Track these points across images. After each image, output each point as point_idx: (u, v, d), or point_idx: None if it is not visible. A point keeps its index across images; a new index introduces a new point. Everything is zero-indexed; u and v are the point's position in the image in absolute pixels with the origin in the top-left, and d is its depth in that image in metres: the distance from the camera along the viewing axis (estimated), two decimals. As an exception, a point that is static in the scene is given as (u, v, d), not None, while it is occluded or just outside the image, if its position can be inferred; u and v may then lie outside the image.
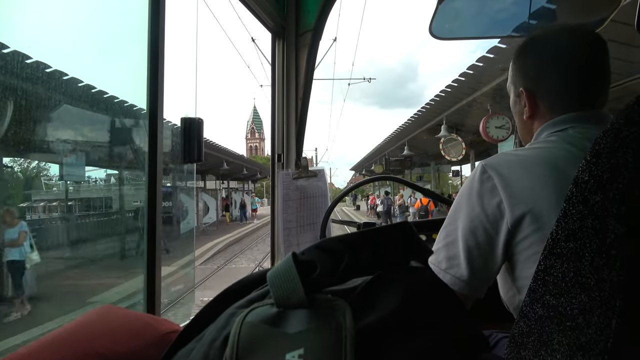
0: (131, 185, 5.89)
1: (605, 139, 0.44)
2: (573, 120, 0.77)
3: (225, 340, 0.36)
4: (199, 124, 1.15)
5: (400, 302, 0.37)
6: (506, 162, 0.74)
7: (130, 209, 5.96)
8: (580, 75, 0.79)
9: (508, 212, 0.69)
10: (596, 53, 0.79)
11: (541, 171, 0.69)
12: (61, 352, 0.53)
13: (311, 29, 1.69)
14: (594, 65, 0.79)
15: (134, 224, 5.36)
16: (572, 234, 0.45)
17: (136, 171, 4.96)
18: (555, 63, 0.80)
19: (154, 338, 0.61)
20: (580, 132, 0.74)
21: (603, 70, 0.79)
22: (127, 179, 5.89)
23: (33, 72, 2.66)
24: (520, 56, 0.86)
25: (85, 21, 2.76)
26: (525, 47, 0.85)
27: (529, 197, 0.68)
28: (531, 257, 0.69)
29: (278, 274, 0.37)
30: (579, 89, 0.79)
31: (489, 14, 1.31)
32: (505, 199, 0.70)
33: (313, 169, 1.71)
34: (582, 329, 0.42)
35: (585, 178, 0.45)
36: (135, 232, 5.14)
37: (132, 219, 5.64)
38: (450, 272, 0.76)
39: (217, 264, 11.00)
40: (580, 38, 0.80)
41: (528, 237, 0.68)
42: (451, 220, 0.79)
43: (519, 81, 0.86)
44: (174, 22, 1.12)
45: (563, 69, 0.80)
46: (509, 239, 0.71)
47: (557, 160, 0.70)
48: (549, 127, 0.79)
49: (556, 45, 0.81)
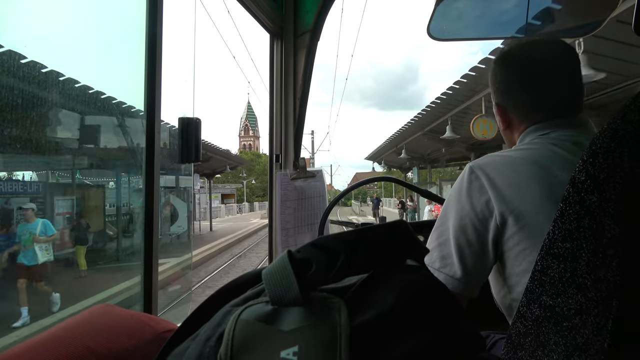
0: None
1: (602, 138, 0.44)
2: (555, 125, 0.80)
3: (220, 338, 0.36)
4: (196, 124, 1.15)
5: (396, 301, 0.37)
6: (493, 162, 0.77)
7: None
8: (557, 86, 0.82)
9: (496, 209, 0.72)
10: (570, 62, 0.82)
11: (526, 170, 0.72)
12: (57, 350, 0.53)
13: (309, 30, 1.69)
14: (568, 75, 0.82)
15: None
16: (569, 234, 0.45)
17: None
18: (525, 75, 0.83)
19: (151, 337, 0.61)
20: (563, 134, 0.77)
21: (574, 77, 0.83)
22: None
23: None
24: (494, 70, 0.89)
25: (84, 22, 2.76)
26: (496, 62, 0.89)
27: (515, 195, 0.71)
28: (520, 254, 0.71)
29: (273, 271, 0.37)
30: (558, 99, 0.82)
31: (487, 15, 1.31)
32: (493, 197, 0.72)
33: (311, 169, 1.71)
34: (579, 330, 0.42)
35: (582, 178, 0.45)
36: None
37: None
38: (444, 271, 0.78)
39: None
40: (550, 48, 0.83)
41: (515, 234, 0.71)
42: (443, 220, 0.81)
43: (493, 95, 0.90)
44: (171, 23, 1.12)
45: (539, 82, 0.82)
46: (498, 236, 0.73)
47: (542, 160, 0.73)
48: (532, 131, 0.82)
49: (527, 58, 0.84)
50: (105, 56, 3.28)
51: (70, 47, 2.99)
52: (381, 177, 1.80)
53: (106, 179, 7.06)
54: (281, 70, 1.76)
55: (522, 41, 0.88)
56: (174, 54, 1.22)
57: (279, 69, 1.77)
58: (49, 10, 2.66)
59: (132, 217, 6.95)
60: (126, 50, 2.78)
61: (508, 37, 1.42)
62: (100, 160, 6.25)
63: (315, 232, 1.66)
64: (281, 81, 1.77)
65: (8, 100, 2.78)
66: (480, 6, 1.32)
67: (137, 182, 6.76)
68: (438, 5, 1.16)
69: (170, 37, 1.09)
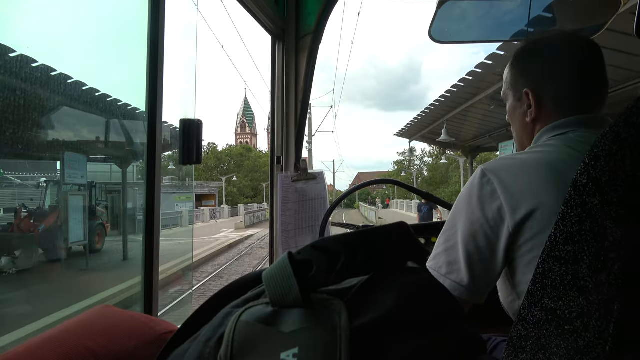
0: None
1: (604, 141, 0.44)
2: (573, 124, 0.77)
3: (220, 339, 0.36)
4: (198, 125, 1.16)
5: (396, 303, 0.37)
6: (506, 166, 0.73)
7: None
8: (579, 79, 0.80)
9: (509, 216, 0.69)
10: (592, 57, 0.80)
11: (542, 174, 0.69)
12: (57, 351, 0.53)
13: (311, 32, 1.70)
14: (591, 69, 0.80)
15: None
16: (571, 237, 0.45)
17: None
18: (556, 66, 0.81)
19: (151, 338, 0.61)
20: (581, 136, 0.74)
21: (600, 74, 0.80)
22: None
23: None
24: (521, 59, 0.86)
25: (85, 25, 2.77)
26: (526, 51, 0.86)
27: (530, 201, 0.67)
28: (532, 261, 0.68)
29: (273, 273, 0.37)
30: (578, 92, 0.79)
31: (489, 18, 1.31)
32: (505, 203, 0.69)
33: (312, 171, 1.71)
34: (581, 333, 0.42)
35: (584, 181, 0.45)
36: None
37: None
38: (451, 277, 0.75)
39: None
40: (576, 43, 0.81)
41: (529, 241, 0.68)
42: (451, 224, 0.78)
43: (521, 84, 0.85)
44: (173, 24, 1.12)
45: (564, 72, 0.80)
46: (510, 243, 0.70)
47: (558, 164, 0.69)
48: (548, 131, 0.79)
49: (556, 49, 0.82)
50: (107, 57, 3.28)
51: (71, 49, 3.00)
52: (383, 180, 1.79)
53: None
54: (283, 72, 1.76)
55: (549, 33, 0.86)
56: (175, 56, 1.23)
57: (280, 71, 1.77)
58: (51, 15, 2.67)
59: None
60: (128, 52, 2.78)
61: (509, 39, 1.43)
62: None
63: (316, 234, 1.66)
64: (283, 83, 1.77)
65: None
66: (482, 9, 1.32)
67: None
68: (439, 8, 1.16)
69: (171, 38, 1.10)
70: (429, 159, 46.37)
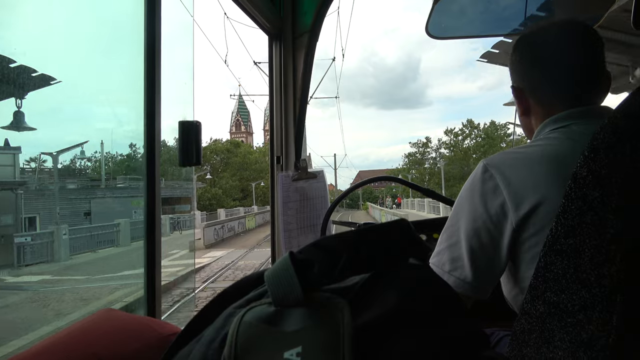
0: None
1: (603, 134, 0.44)
2: (575, 116, 0.76)
3: (224, 340, 0.36)
4: (197, 127, 1.15)
5: (398, 300, 0.37)
6: (508, 160, 0.73)
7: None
8: (575, 71, 0.78)
9: (512, 212, 0.68)
10: (589, 45, 0.77)
11: (545, 168, 0.68)
12: (61, 355, 0.53)
13: (308, 30, 1.69)
14: (587, 58, 0.78)
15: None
16: (572, 230, 0.45)
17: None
18: (544, 61, 0.80)
19: (155, 341, 0.61)
20: (583, 127, 0.73)
21: (597, 63, 0.78)
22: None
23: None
24: (512, 53, 0.86)
25: (81, 27, 2.77)
26: (516, 45, 0.85)
27: (533, 196, 0.66)
28: (536, 256, 0.66)
29: (275, 273, 0.37)
30: (575, 84, 0.78)
31: (485, 13, 1.31)
32: (508, 199, 0.68)
33: (312, 170, 1.71)
34: (584, 325, 0.42)
35: (584, 174, 0.44)
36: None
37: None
38: (455, 274, 0.74)
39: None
40: (571, 32, 0.79)
41: (533, 236, 0.67)
42: (454, 221, 0.77)
43: (511, 78, 0.86)
44: (169, 26, 1.12)
45: (554, 66, 0.79)
46: (513, 239, 0.69)
47: (561, 157, 0.68)
48: (550, 123, 0.78)
49: (546, 42, 0.80)
50: (104, 58, 3.28)
51: (70, 51, 3.01)
52: (384, 177, 1.78)
53: None
54: (280, 71, 1.76)
55: (541, 23, 0.84)
56: (172, 59, 1.22)
57: (278, 70, 1.77)
58: (47, 19, 2.67)
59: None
60: (125, 55, 2.78)
61: (506, 33, 1.42)
62: None
63: (317, 233, 1.66)
64: (280, 82, 1.77)
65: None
66: (478, 3, 1.32)
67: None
68: (436, 4, 1.16)
69: (168, 41, 1.09)
70: (446, 151, 40.87)
